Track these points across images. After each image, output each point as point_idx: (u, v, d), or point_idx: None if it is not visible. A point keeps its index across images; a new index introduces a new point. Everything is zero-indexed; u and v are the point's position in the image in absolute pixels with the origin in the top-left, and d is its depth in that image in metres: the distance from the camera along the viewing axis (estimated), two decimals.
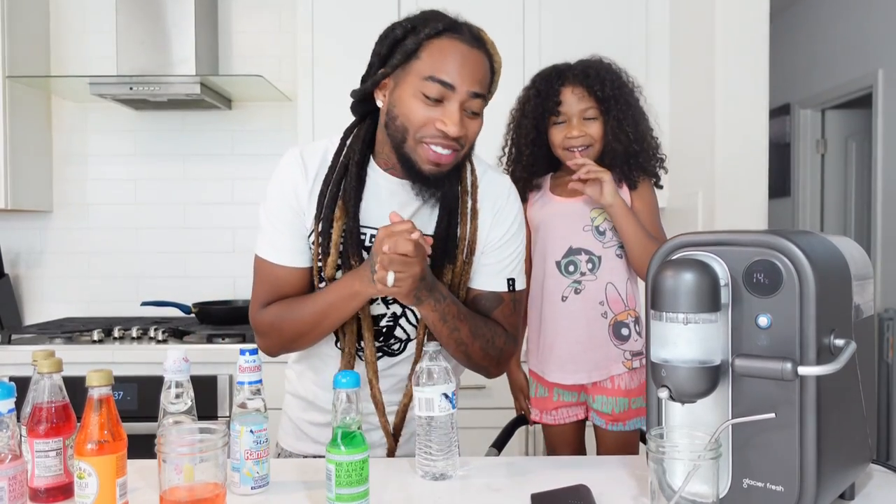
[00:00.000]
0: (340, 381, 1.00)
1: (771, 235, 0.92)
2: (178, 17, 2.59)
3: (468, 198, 1.28)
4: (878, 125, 3.79)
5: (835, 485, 0.95)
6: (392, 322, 1.30)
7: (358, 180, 1.24)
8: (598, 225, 1.55)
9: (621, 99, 1.52)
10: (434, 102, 1.16)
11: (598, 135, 1.54)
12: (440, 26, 1.17)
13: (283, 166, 1.28)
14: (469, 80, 1.17)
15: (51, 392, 1.03)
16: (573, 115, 1.53)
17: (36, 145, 2.77)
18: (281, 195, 1.26)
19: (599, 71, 1.53)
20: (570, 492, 1.04)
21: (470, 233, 1.27)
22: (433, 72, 1.16)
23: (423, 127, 1.17)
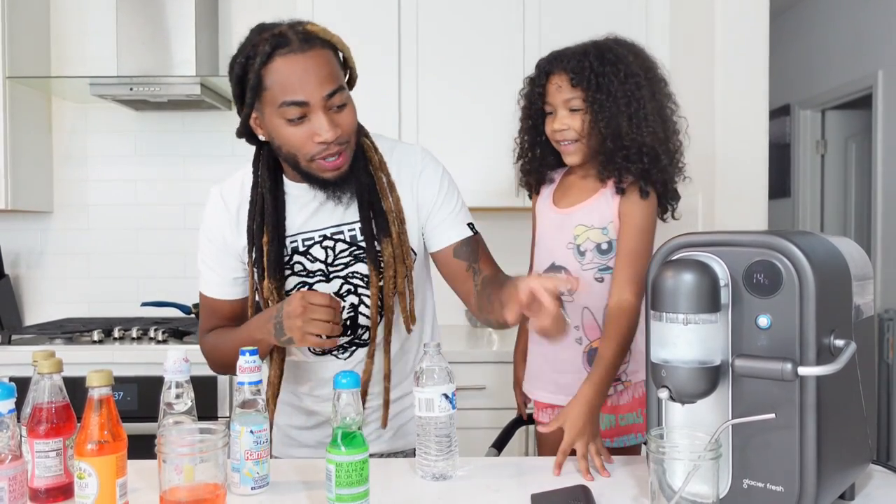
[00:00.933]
0: (340, 381, 1.00)
1: (771, 236, 0.92)
2: (178, 17, 2.59)
3: (381, 174, 1.31)
4: (877, 126, 3.79)
5: (835, 485, 0.95)
6: (353, 312, 1.34)
7: (274, 203, 1.29)
8: (580, 244, 1.40)
9: (603, 87, 1.33)
10: (300, 120, 1.18)
11: (583, 128, 1.36)
12: (268, 48, 1.17)
13: (207, 207, 1.37)
14: (318, 86, 1.17)
15: (51, 392, 1.03)
16: (558, 105, 1.38)
17: (36, 146, 2.77)
18: (207, 238, 1.37)
19: (590, 56, 1.35)
20: (570, 492, 1.04)
21: (394, 204, 1.31)
22: (284, 96, 1.17)
23: (304, 147, 1.20)
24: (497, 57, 2.55)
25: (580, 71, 1.34)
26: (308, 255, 1.32)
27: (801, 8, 4.48)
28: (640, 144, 1.32)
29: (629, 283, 1.32)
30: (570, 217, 1.42)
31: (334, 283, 1.32)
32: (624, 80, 1.33)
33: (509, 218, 2.83)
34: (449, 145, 2.59)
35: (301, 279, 1.32)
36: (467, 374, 2.30)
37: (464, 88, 2.56)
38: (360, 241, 1.31)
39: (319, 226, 1.32)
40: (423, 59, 2.57)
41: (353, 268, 1.32)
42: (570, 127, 1.37)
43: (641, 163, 1.33)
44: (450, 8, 2.57)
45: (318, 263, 1.32)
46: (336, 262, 1.32)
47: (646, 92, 1.35)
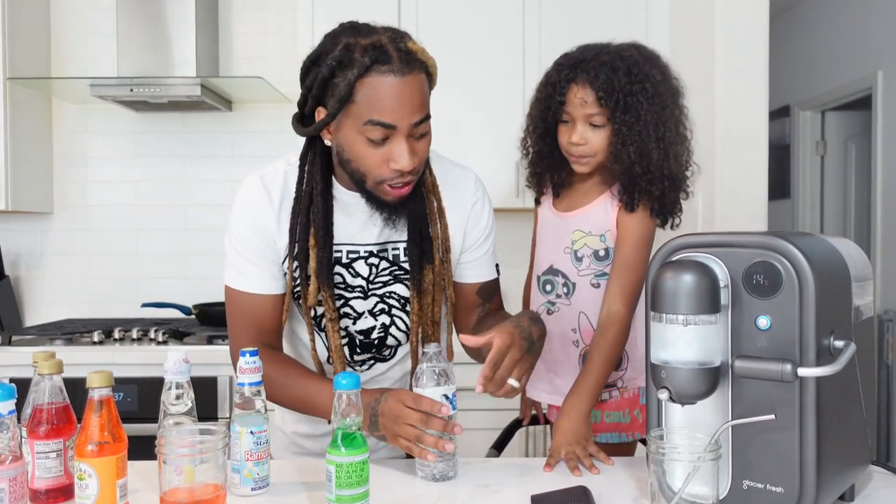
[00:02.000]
0: (341, 382, 1.00)
1: (771, 237, 0.92)
2: (178, 18, 2.59)
3: (433, 197, 1.28)
4: (877, 127, 3.79)
5: (835, 486, 0.95)
6: (383, 333, 1.32)
7: (325, 207, 1.23)
8: (578, 249, 1.39)
9: (632, 108, 1.28)
10: (380, 143, 1.14)
11: (602, 145, 1.32)
12: (367, 61, 1.10)
13: (244, 194, 1.27)
14: (409, 113, 1.12)
15: (51, 393, 1.03)
16: (578, 118, 1.32)
17: (36, 147, 2.77)
18: (245, 223, 1.25)
19: (619, 73, 1.28)
20: (570, 493, 1.04)
21: (441, 231, 1.28)
22: (371, 115, 1.11)
23: (376, 170, 1.16)
24: (497, 59, 2.55)
25: (609, 90, 1.28)
26: (350, 269, 1.27)
27: (800, 8, 4.48)
28: (664, 170, 1.30)
29: (620, 295, 1.30)
30: (568, 222, 1.41)
31: (370, 301, 1.29)
32: (651, 101, 1.29)
33: (509, 218, 2.83)
34: (449, 146, 2.58)
35: (339, 292, 1.27)
36: (467, 375, 2.29)
37: (464, 89, 2.56)
38: (402, 261, 1.28)
39: (366, 240, 1.27)
40: None
41: (391, 287, 1.29)
42: (589, 142, 1.32)
43: (662, 186, 1.31)
44: (449, 10, 2.57)
45: (359, 279, 1.28)
46: (376, 279, 1.28)
47: (669, 113, 1.31)
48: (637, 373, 1.40)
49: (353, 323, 1.30)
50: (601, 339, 1.30)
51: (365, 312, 1.29)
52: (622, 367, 1.40)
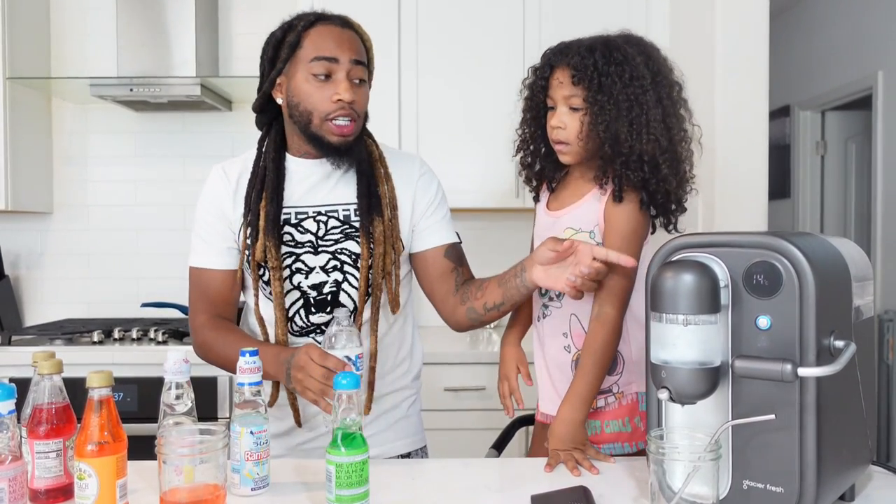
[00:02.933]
0: (340, 382, 1.00)
1: (771, 237, 0.92)
2: (178, 18, 2.59)
3: (380, 165, 1.40)
4: (877, 127, 3.79)
5: (835, 486, 0.95)
6: (335, 288, 1.36)
7: (276, 172, 1.37)
8: None
9: (605, 88, 1.25)
10: (324, 80, 1.30)
11: (579, 131, 1.29)
12: (312, 18, 1.33)
13: (207, 182, 1.44)
14: (348, 51, 1.31)
15: (51, 393, 1.03)
16: (558, 101, 1.32)
17: (36, 146, 2.77)
18: (204, 205, 1.42)
19: (595, 54, 1.27)
20: (570, 493, 1.04)
21: (389, 191, 1.39)
22: (316, 52, 1.30)
23: (321, 105, 1.30)
24: (497, 56, 2.55)
25: (583, 68, 1.27)
26: (299, 228, 1.36)
27: (800, 8, 4.48)
28: (639, 152, 1.26)
29: (609, 295, 1.27)
30: (559, 220, 1.38)
31: (322, 257, 1.35)
32: (628, 82, 1.26)
33: (509, 219, 2.83)
34: (449, 146, 2.59)
35: (289, 249, 1.35)
36: (467, 375, 2.30)
37: (464, 89, 2.56)
38: (353, 220, 1.37)
39: (314, 202, 1.38)
40: (422, 59, 2.57)
41: (342, 244, 1.36)
42: (567, 126, 1.30)
43: (641, 171, 1.26)
44: (449, 7, 2.57)
45: (308, 235, 1.36)
46: (326, 236, 1.36)
47: (650, 97, 1.27)
48: (633, 377, 1.35)
49: (305, 278, 1.35)
50: (592, 342, 1.28)
51: (316, 268, 1.35)
52: (616, 371, 1.36)
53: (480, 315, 1.37)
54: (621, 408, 1.36)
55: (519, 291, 1.30)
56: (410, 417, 1.49)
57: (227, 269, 1.39)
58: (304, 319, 1.36)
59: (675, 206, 1.33)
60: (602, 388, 1.35)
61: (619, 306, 1.28)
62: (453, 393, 2.30)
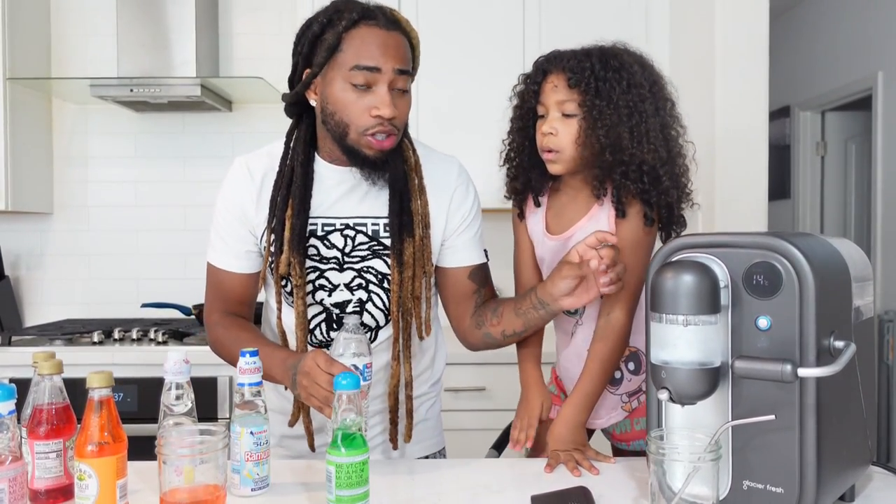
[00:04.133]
0: (340, 383, 1.00)
1: (771, 237, 0.92)
2: (178, 19, 2.59)
3: (415, 175, 1.31)
4: (877, 127, 3.79)
5: (835, 486, 0.95)
6: (359, 307, 1.31)
7: (304, 179, 1.28)
8: None
9: (603, 93, 1.22)
10: (364, 90, 1.20)
11: (573, 137, 1.25)
12: (355, 16, 1.20)
13: (229, 176, 1.34)
14: (392, 59, 1.20)
15: (51, 394, 1.03)
16: (550, 107, 1.27)
17: (36, 147, 2.77)
18: (225, 204, 1.33)
19: (592, 59, 1.24)
20: (570, 493, 1.04)
21: (422, 207, 1.31)
22: (357, 60, 1.19)
23: (359, 118, 1.21)
24: (497, 56, 2.55)
25: (580, 71, 1.23)
26: (325, 241, 1.30)
27: (800, 9, 4.49)
28: (640, 161, 1.22)
29: (620, 300, 1.26)
30: (569, 242, 1.32)
31: (347, 274, 1.30)
32: (627, 89, 1.22)
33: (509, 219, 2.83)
34: (449, 146, 2.58)
35: (314, 264, 1.30)
36: (467, 376, 2.30)
37: (463, 89, 2.56)
38: (381, 237, 1.30)
39: (343, 213, 1.30)
40: (422, 58, 2.56)
41: (369, 262, 1.30)
42: (559, 133, 1.26)
43: (641, 182, 1.23)
44: (449, 7, 2.57)
45: (334, 251, 1.30)
46: (353, 253, 1.30)
47: (649, 106, 1.24)
48: None
49: (328, 295, 1.30)
50: (601, 346, 1.27)
51: (341, 285, 1.30)
52: (642, 371, 1.36)
53: (498, 341, 1.35)
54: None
55: (543, 319, 1.29)
56: (429, 420, 1.46)
57: (245, 272, 1.34)
58: (325, 334, 1.33)
59: (676, 221, 1.30)
60: (631, 389, 1.38)
61: (627, 310, 1.27)
62: (454, 393, 2.30)
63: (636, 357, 1.37)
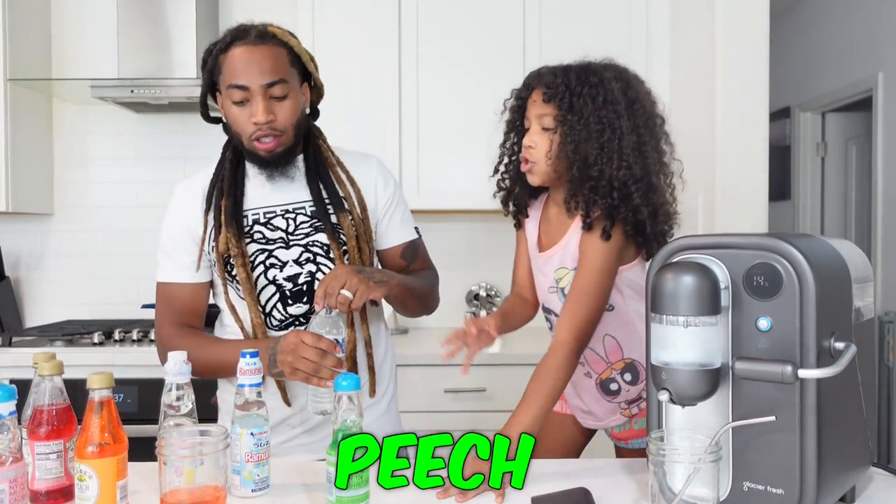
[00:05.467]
0: (341, 384, 1.00)
1: (771, 238, 0.92)
2: (179, 19, 2.59)
3: (339, 169, 1.45)
4: (878, 128, 3.79)
5: (835, 488, 0.95)
6: (309, 278, 1.39)
7: (234, 172, 1.42)
8: (564, 287, 1.33)
9: (577, 109, 1.23)
10: (242, 104, 1.34)
11: (545, 151, 1.27)
12: (228, 38, 1.35)
13: (171, 202, 1.47)
14: (258, 75, 1.32)
15: (52, 394, 1.03)
16: (532, 121, 1.30)
17: (37, 148, 2.77)
18: (170, 223, 1.45)
19: (569, 73, 1.26)
20: (570, 495, 1.04)
21: (355, 192, 1.44)
22: (229, 80, 1.33)
23: (244, 127, 1.35)
24: (498, 58, 2.55)
25: (554, 86, 1.25)
26: (269, 225, 1.40)
27: (801, 10, 4.49)
28: (609, 177, 1.21)
29: (569, 321, 1.22)
30: (550, 260, 1.36)
31: (294, 251, 1.39)
32: (602, 105, 1.23)
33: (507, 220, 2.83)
34: (449, 147, 2.60)
35: (261, 246, 1.38)
36: (467, 377, 2.30)
37: (464, 90, 2.56)
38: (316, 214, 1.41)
39: (281, 201, 1.41)
40: (423, 59, 2.57)
41: (313, 237, 1.40)
42: (537, 145, 1.28)
43: (610, 198, 1.22)
44: (450, 8, 2.57)
45: (278, 232, 1.40)
46: (297, 231, 1.40)
47: (624, 123, 1.23)
48: None
49: (279, 271, 1.38)
50: (541, 368, 1.21)
51: (289, 261, 1.38)
52: (640, 380, 1.37)
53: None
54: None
55: None
56: (391, 413, 1.53)
57: (193, 281, 1.43)
58: (283, 312, 1.39)
59: (656, 239, 1.28)
60: (631, 398, 1.39)
61: (577, 336, 1.22)
62: (453, 394, 2.30)
63: (633, 368, 1.38)
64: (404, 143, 2.55)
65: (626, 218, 1.23)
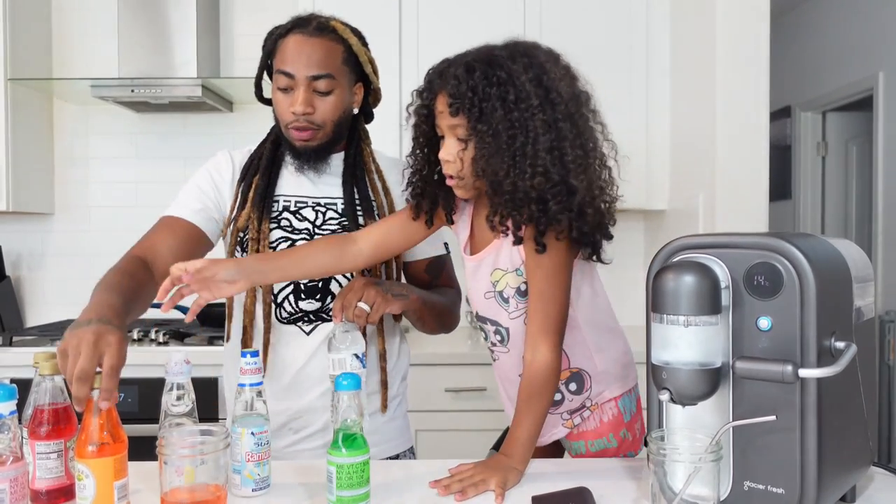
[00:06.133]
0: (341, 383, 1.00)
1: (772, 238, 0.92)
2: (179, 19, 2.59)
3: (376, 177, 1.45)
4: (878, 128, 3.79)
5: (836, 487, 0.95)
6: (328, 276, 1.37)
7: (272, 155, 1.42)
8: (502, 290, 1.23)
9: (486, 116, 1.09)
10: (287, 91, 1.34)
11: (468, 163, 1.14)
12: (289, 25, 1.36)
13: (211, 160, 1.47)
14: (307, 66, 1.32)
15: (52, 394, 1.03)
16: (445, 131, 1.16)
17: (38, 147, 2.77)
18: (200, 173, 1.44)
19: (474, 75, 1.10)
20: (570, 494, 1.04)
21: (388, 203, 1.44)
22: (279, 65, 1.35)
23: (283, 114, 1.36)
24: None
25: (460, 96, 1.10)
26: (297, 215, 1.39)
27: (801, 10, 4.49)
28: (524, 189, 1.09)
29: (542, 335, 1.15)
30: (483, 262, 1.25)
31: None
32: (512, 105, 1.09)
33: None
34: None
35: (286, 234, 1.38)
36: (467, 376, 2.30)
37: None
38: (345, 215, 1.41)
39: (312, 193, 1.41)
40: (423, 58, 2.56)
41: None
42: (456, 158, 1.15)
43: (528, 209, 1.10)
44: (450, 5, 2.57)
45: (305, 223, 1.39)
46: (324, 226, 1.39)
47: (538, 122, 1.09)
48: (603, 385, 1.28)
49: None
50: (530, 389, 1.15)
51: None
52: (585, 388, 1.28)
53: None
54: (602, 425, 1.28)
55: None
56: (397, 420, 1.49)
57: (193, 222, 1.37)
58: (294, 305, 1.38)
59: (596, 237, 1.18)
60: (573, 408, 1.29)
61: (552, 345, 1.16)
62: (453, 394, 2.30)
63: (579, 377, 1.28)
64: (405, 142, 2.55)
65: (546, 227, 1.12)
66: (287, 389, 1.38)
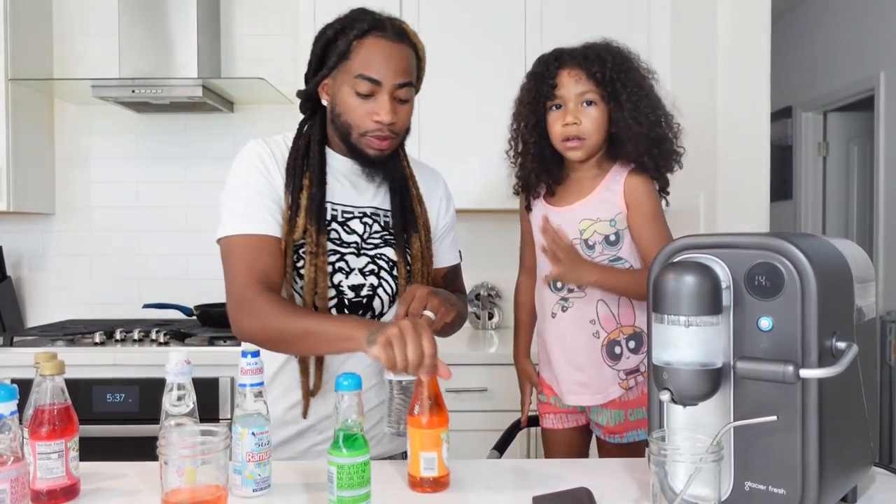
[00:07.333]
0: (342, 383, 1.00)
1: (772, 238, 0.92)
2: (180, 19, 2.59)
3: (411, 184, 1.42)
4: (879, 128, 3.79)
5: (837, 488, 0.95)
6: (371, 292, 1.35)
7: (320, 156, 1.35)
8: (588, 238, 1.43)
9: (629, 81, 1.39)
10: (366, 97, 1.28)
11: (596, 124, 1.40)
12: (365, 26, 1.28)
13: (248, 150, 1.35)
14: (394, 74, 1.28)
15: (53, 394, 1.03)
16: (569, 99, 1.40)
17: (38, 148, 2.77)
18: (248, 169, 1.32)
19: (601, 52, 1.40)
20: (571, 494, 1.04)
21: (423, 213, 1.42)
22: (362, 70, 1.27)
23: (361, 122, 1.29)
24: (498, 56, 2.55)
25: (602, 65, 1.37)
26: (346, 227, 1.35)
27: (802, 10, 4.48)
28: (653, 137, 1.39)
29: (659, 242, 1.34)
30: (573, 213, 1.44)
31: (362, 259, 1.35)
32: (640, 75, 1.40)
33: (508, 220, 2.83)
34: (449, 147, 2.59)
35: (334, 247, 1.33)
36: (468, 376, 2.30)
37: (465, 89, 2.56)
38: (392, 229, 1.39)
39: (360, 203, 1.38)
40: None
41: (381, 250, 1.37)
42: (583, 122, 1.39)
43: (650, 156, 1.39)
44: (451, 7, 2.57)
45: (354, 236, 1.36)
46: (369, 239, 1.37)
47: (647, 85, 1.42)
48: None
49: (345, 277, 1.34)
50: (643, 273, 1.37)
51: (356, 270, 1.34)
52: (641, 351, 1.42)
53: None
54: (643, 396, 1.42)
55: None
56: None
57: (276, 235, 1.28)
58: None
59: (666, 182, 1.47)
60: (629, 367, 1.43)
61: None
62: (455, 394, 2.29)
63: (639, 338, 1.44)
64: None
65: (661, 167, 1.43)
66: (324, 394, 1.35)
